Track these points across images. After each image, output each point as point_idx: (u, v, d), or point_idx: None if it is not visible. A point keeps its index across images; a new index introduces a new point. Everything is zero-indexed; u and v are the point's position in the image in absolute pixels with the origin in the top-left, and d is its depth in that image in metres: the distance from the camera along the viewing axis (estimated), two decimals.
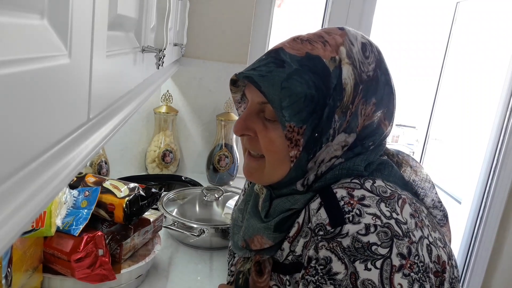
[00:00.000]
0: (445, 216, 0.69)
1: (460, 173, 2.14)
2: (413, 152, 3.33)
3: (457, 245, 2.02)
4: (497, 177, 1.84)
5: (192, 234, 1.09)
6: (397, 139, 5.11)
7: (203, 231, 1.10)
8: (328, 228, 0.54)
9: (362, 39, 0.63)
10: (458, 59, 2.32)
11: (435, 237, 0.58)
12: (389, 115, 0.64)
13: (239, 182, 1.62)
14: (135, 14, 0.51)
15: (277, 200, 0.64)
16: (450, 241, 0.69)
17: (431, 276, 0.54)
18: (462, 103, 2.25)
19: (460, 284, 0.62)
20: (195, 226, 1.11)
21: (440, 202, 0.68)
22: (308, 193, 0.62)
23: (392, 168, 0.64)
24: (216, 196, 1.28)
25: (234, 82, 0.68)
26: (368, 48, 0.63)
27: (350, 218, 0.53)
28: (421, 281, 0.52)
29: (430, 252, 0.55)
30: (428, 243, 0.56)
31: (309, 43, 0.60)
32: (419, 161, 2.79)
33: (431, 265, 0.55)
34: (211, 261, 1.10)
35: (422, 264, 0.53)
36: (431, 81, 2.51)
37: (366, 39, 0.64)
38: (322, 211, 0.56)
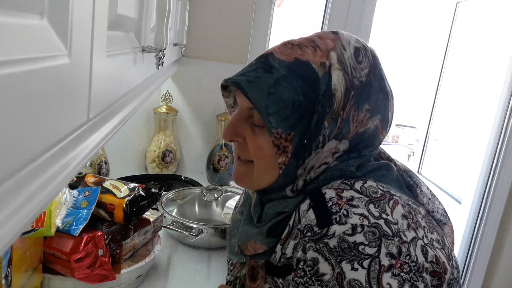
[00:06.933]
0: (445, 211, 0.68)
1: (460, 173, 2.14)
2: (413, 152, 3.33)
3: (457, 245, 2.02)
4: (497, 177, 1.84)
5: (190, 234, 1.09)
6: (397, 139, 5.10)
7: (202, 231, 1.10)
8: (316, 229, 0.54)
9: (356, 43, 0.62)
10: (458, 59, 2.32)
11: (431, 238, 0.57)
12: (384, 122, 0.63)
13: None
14: (135, 14, 0.51)
15: (268, 204, 0.63)
16: (453, 242, 0.68)
17: (426, 276, 0.53)
18: (462, 103, 2.25)
19: (460, 285, 0.61)
20: (193, 226, 1.11)
21: (433, 195, 0.68)
22: (299, 195, 0.61)
23: (388, 171, 0.63)
24: (216, 196, 1.28)
25: (225, 87, 0.68)
26: (361, 52, 0.61)
27: (337, 219, 0.53)
28: (412, 281, 0.51)
29: (425, 253, 0.54)
30: (423, 244, 0.54)
31: (299, 48, 0.59)
32: (419, 161, 2.75)
33: (426, 265, 0.53)
34: (210, 261, 1.10)
35: (414, 264, 0.52)
36: (431, 81, 2.50)
37: (361, 43, 0.62)
38: (311, 212, 0.56)
